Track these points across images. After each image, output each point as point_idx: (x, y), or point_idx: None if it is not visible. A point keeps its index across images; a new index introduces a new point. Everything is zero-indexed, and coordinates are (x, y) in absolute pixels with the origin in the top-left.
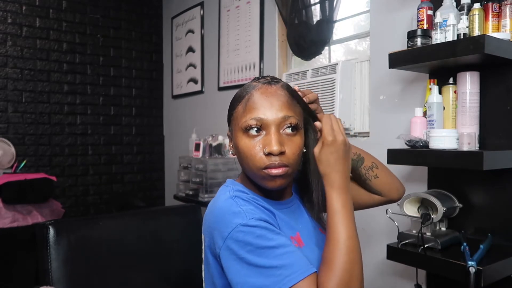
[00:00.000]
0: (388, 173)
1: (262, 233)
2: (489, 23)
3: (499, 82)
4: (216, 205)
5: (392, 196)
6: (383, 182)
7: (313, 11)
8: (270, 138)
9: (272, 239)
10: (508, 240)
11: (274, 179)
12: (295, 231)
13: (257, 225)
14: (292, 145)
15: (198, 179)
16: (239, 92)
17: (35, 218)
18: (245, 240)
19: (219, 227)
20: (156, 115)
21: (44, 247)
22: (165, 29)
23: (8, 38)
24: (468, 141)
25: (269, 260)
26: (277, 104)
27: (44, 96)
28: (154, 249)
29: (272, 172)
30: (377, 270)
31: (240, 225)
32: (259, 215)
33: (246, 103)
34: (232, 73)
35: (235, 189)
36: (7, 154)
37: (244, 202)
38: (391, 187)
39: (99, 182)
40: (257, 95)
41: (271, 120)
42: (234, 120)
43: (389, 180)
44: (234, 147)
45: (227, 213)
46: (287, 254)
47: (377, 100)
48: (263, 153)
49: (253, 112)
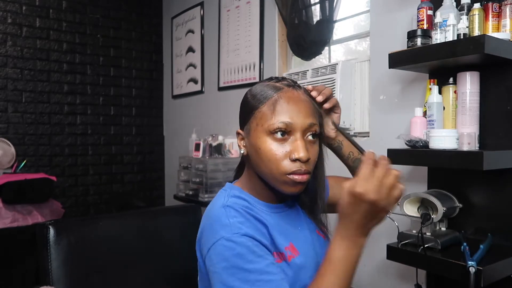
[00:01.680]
0: None
1: (241, 252)
2: (489, 23)
3: (499, 82)
4: (209, 212)
5: None
6: None
7: (313, 11)
8: (297, 144)
9: (250, 261)
10: (508, 240)
11: (296, 185)
12: (289, 240)
13: (239, 243)
14: (313, 152)
15: (198, 179)
16: (260, 91)
17: (35, 218)
18: (223, 255)
19: (207, 235)
20: (156, 115)
21: (44, 247)
22: (165, 29)
23: (8, 38)
24: (468, 141)
25: (240, 284)
26: (304, 110)
27: (44, 96)
28: (154, 249)
29: (296, 178)
30: (377, 270)
31: (223, 238)
32: (245, 230)
33: (274, 105)
34: (232, 73)
35: (230, 195)
36: (7, 154)
37: (235, 212)
38: None
39: (99, 182)
40: (285, 99)
41: (299, 125)
42: (256, 120)
43: None
44: (252, 148)
45: (216, 223)
46: (262, 282)
47: (377, 100)
48: (289, 158)
49: (281, 115)
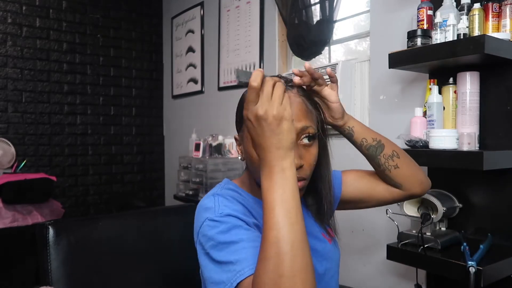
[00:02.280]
0: (411, 163)
1: (226, 227)
2: (489, 23)
3: (499, 82)
4: (201, 202)
5: (414, 190)
6: (405, 174)
7: (313, 11)
8: None
9: (235, 234)
10: (508, 240)
11: None
12: None
13: (223, 221)
14: (309, 156)
15: (198, 179)
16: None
17: (35, 218)
18: (209, 234)
19: (195, 222)
20: (156, 115)
21: (44, 247)
22: (165, 29)
23: (8, 38)
24: (468, 141)
25: (226, 255)
26: (296, 114)
27: (44, 96)
28: (154, 249)
29: None
30: (377, 270)
31: (207, 219)
32: (229, 211)
33: None
34: (232, 73)
35: (224, 187)
36: (7, 154)
37: (223, 199)
38: (414, 180)
39: (99, 182)
40: None
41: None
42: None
43: (412, 171)
44: (246, 154)
45: (202, 209)
46: (246, 249)
47: (377, 100)
48: None
49: None
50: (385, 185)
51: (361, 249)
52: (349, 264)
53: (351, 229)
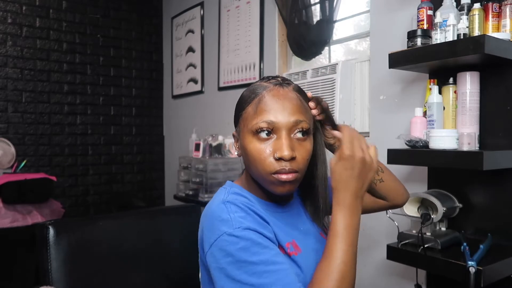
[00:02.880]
0: (393, 178)
1: (246, 245)
2: (489, 23)
3: (499, 82)
4: (209, 209)
5: (397, 201)
6: (388, 187)
7: (313, 11)
8: (281, 142)
9: (256, 253)
10: (508, 240)
11: (283, 185)
12: (291, 237)
13: (242, 236)
14: (302, 150)
15: (198, 179)
16: (248, 92)
17: (35, 218)
18: (227, 250)
19: (208, 232)
20: (156, 115)
21: (44, 247)
22: (165, 29)
23: (8, 38)
24: (468, 141)
25: (247, 277)
26: (289, 108)
27: (44, 96)
28: (154, 249)
29: (282, 177)
30: (377, 270)
31: (225, 233)
32: (247, 224)
33: (257, 105)
34: (232, 73)
35: (230, 192)
36: (7, 154)
37: (236, 208)
38: (397, 192)
39: (99, 182)
40: (268, 97)
41: (283, 123)
42: (243, 121)
43: (394, 185)
44: (242, 149)
45: (216, 219)
46: (269, 273)
47: (377, 100)
48: (273, 157)
49: (264, 114)
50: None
51: (361, 249)
52: None
53: None
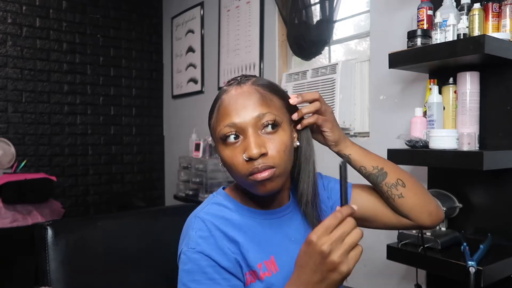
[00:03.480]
0: (419, 193)
1: (191, 269)
2: (489, 23)
3: (499, 82)
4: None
5: (421, 221)
6: (410, 204)
7: (313, 11)
8: (248, 142)
9: (196, 281)
10: (508, 240)
11: (263, 184)
12: (270, 253)
13: (191, 259)
14: (274, 143)
15: (198, 179)
16: (213, 100)
17: (35, 218)
18: (179, 267)
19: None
20: (156, 115)
21: (42, 248)
22: (165, 29)
23: (8, 38)
24: (468, 141)
25: None
26: (248, 104)
27: (44, 96)
28: (153, 249)
29: (257, 177)
30: (377, 270)
31: (182, 251)
32: (203, 247)
33: (218, 111)
34: (232, 73)
35: (212, 202)
36: (7, 154)
37: (201, 226)
38: (421, 210)
39: (99, 182)
40: (227, 100)
41: (246, 122)
42: (212, 132)
43: (419, 201)
44: (222, 161)
45: (185, 231)
46: None
47: (377, 100)
48: (244, 160)
49: (225, 118)
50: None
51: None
52: None
53: None
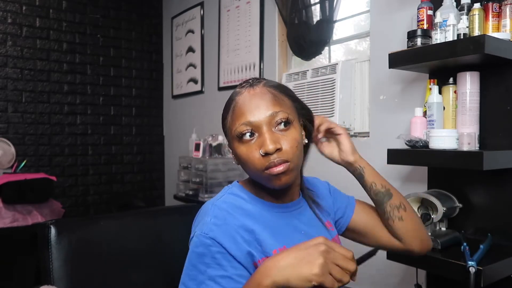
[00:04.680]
0: (415, 219)
1: (202, 252)
2: (489, 23)
3: (499, 82)
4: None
5: (413, 246)
6: (407, 227)
7: (313, 11)
8: (263, 138)
9: (205, 264)
10: (508, 240)
11: (278, 177)
12: (283, 243)
13: (203, 243)
14: (287, 139)
15: (198, 179)
16: (227, 102)
17: (35, 218)
18: (190, 248)
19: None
20: (156, 115)
21: (45, 247)
22: (165, 29)
23: (8, 38)
24: (468, 141)
25: (188, 279)
26: (262, 104)
27: (44, 96)
28: (154, 249)
29: (273, 171)
30: (377, 270)
31: (195, 234)
32: (215, 234)
33: (233, 111)
34: (232, 73)
35: (228, 192)
36: (7, 154)
37: (218, 212)
38: (415, 236)
39: (99, 182)
40: (241, 100)
41: (260, 120)
42: (227, 130)
43: (415, 227)
44: (235, 156)
45: (201, 217)
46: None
47: (377, 100)
48: (260, 155)
49: (241, 117)
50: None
51: (361, 249)
52: None
53: None
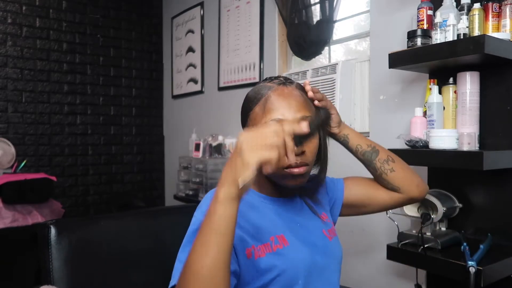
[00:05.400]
0: (406, 168)
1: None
2: (489, 23)
3: (499, 82)
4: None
5: (412, 193)
6: (401, 176)
7: (313, 11)
8: None
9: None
10: (508, 240)
11: (295, 178)
12: (281, 231)
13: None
14: (310, 144)
15: (198, 179)
16: (253, 93)
17: (35, 218)
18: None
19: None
20: (156, 115)
21: (45, 247)
22: (165, 29)
23: (8, 38)
24: (468, 141)
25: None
26: (294, 105)
27: (44, 96)
28: (154, 249)
29: (294, 171)
30: (377, 270)
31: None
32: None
33: (264, 104)
34: (232, 73)
35: None
36: (7, 154)
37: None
38: (411, 183)
39: (99, 182)
40: (274, 96)
41: (290, 120)
42: (251, 121)
43: (407, 174)
44: None
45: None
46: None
47: (377, 100)
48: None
49: (272, 113)
50: (385, 189)
51: (361, 249)
52: (349, 264)
53: (351, 229)
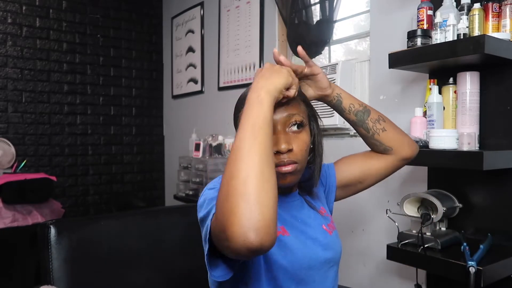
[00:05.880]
0: (396, 127)
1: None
2: (489, 23)
3: (499, 82)
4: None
5: (404, 152)
6: (393, 136)
7: (313, 11)
8: (277, 137)
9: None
10: (508, 240)
11: (285, 176)
12: (281, 223)
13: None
14: (299, 142)
15: (198, 179)
16: (243, 94)
17: (35, 218)
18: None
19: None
20: (156, 115)
21: (45, 247)
22: (165, 29)
23: (8, 38)
24: (468, 141)
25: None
26: (286, 104)
27: (44, 96)
28: (154, 249)
29: (282, 169)
30: (377, 270)
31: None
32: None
33: None
34: (232, 73)
35: None
36: (7, 154)
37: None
38: (402, 142)
39: (99, 182)
40: None
41: (276, 120)
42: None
43: (398, 133)
44: None
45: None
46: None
47: (377, 100)
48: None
49: None
50: (376, 156)
51: (361, 249)
52: (349, 264)
53: (351, 229)
